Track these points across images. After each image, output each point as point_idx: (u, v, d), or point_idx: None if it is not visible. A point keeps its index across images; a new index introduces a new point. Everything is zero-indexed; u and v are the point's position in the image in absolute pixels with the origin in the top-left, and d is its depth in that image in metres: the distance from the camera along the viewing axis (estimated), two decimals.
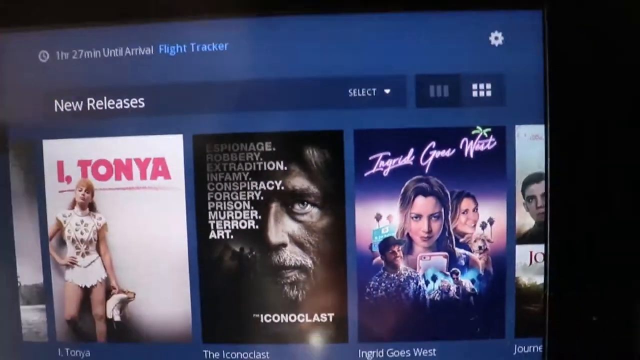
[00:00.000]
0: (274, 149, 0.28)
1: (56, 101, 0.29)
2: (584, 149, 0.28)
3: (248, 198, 0.28)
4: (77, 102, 0.29)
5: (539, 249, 0.28)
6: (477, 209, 0.28)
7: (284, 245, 0.29)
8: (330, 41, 0.28)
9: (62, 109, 0.29)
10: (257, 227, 0.29)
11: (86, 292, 0.30)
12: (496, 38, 0.28)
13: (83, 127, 0.29)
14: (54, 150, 0.29)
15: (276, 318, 0.29)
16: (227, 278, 0.29)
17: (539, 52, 0.28)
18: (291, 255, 0.29)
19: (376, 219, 0.28)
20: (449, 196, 0.28)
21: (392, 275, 0.29)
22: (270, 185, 0.28)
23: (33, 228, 0.29)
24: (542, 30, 0.28)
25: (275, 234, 0.29)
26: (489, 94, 0.28)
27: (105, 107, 0.28)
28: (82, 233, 0.29)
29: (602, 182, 0.28)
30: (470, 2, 0.28)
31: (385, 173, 0.28)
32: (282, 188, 0.28)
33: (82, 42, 0.28)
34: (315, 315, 0.29)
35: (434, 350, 0.29)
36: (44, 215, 0.29)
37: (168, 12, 0.28)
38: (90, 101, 0.29)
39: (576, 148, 0.28)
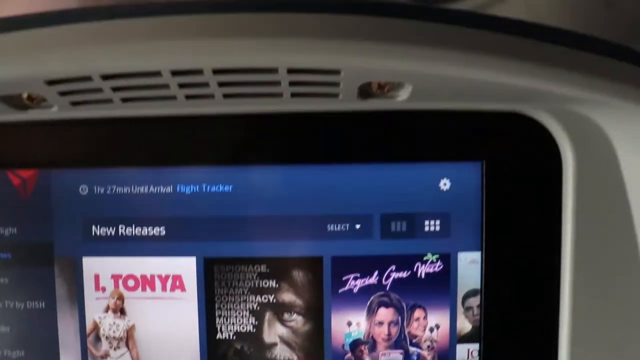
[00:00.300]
0: (268, 270, 0.35)
1: (93, 226, 0.36)
2: (510, 272, 0.36)
3: (247, 308, 0.36)
4: (110, 228, 0.35)
5: (474, 347, 0.36)
6: (426, 317, 0.36)
7: (275, 344, 0.36)
8: (313, 186, 0.35)
9: (98, 233, 0.36)
10: (254, 330, 0.36)
11: None
12: (445, 184, 0.35)
13: (115, 248, 0.35)
14: (92, 265, 0.36)
15: None
16: None
17: (478, 195, 0.35)
18: (281, 352, 0.36)
19: (347, 325, 0.36)
20: (405, 307, 0.36)
21: None
22: (265, 298, 0.36)
23: (74, 327, 0.36)
24: (481, 178, 0.35)
25: (269, 336, 0.36)
26: (437, 228, 0.35)
27: (134, 234, 0.35)
28: (114, 332, 0.36)
29: (523, 297, 0.36)
30: (425, 155, 0.35)
31: (355, 290, 0.35)
32: (274, 301, 0.36)
33: (114, 180, 0.35)
34: None
35: None
36: (83, 317, 0.36)
37: (185, 161, 0.35)
38: (121, 228, 0.35)
39: (504, 271, 0.36)
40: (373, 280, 0.35)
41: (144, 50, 0.28)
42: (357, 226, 0.35)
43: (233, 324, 0.36)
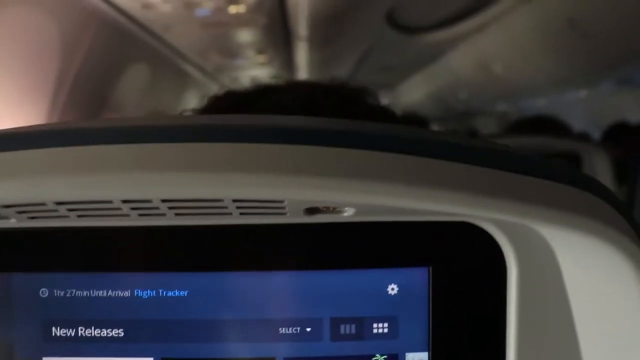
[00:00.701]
0: None
1: (53, 328, 0.37)
2: None
3: None
4: (70, 330, 0.37)
5: None
6: None
7: None
8: (265, 292, 0.36)
9: (58, 334, 0.37)
10: None
11: None
12: (392, 289, 0.36)
13: (75, 349, 0.37)
14: None
15: None
16: None
17: (425, 299, 0.37)
18: None
19: None
20: None
21: None
22: None
23: None
24: (428, 283, 0.37)
25: None
26: (385, 330, 0.37)
27: (93, 334, 0.37)
28: None
29: None
30: (372, 262, 0.36)
31: None
32: None
33: (74, 284, 0.36)
34: None
35: None
36: None
37: (141, 267, 0.36)
38: (81, 329, 0.37)
39: None
40: None
41: (92, 184, 0.29)
42: (308, 329, 0.36)
43: None
